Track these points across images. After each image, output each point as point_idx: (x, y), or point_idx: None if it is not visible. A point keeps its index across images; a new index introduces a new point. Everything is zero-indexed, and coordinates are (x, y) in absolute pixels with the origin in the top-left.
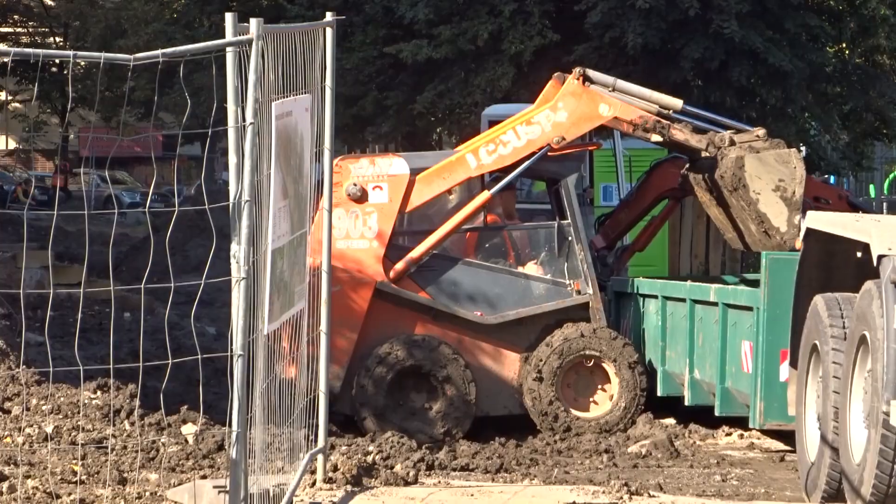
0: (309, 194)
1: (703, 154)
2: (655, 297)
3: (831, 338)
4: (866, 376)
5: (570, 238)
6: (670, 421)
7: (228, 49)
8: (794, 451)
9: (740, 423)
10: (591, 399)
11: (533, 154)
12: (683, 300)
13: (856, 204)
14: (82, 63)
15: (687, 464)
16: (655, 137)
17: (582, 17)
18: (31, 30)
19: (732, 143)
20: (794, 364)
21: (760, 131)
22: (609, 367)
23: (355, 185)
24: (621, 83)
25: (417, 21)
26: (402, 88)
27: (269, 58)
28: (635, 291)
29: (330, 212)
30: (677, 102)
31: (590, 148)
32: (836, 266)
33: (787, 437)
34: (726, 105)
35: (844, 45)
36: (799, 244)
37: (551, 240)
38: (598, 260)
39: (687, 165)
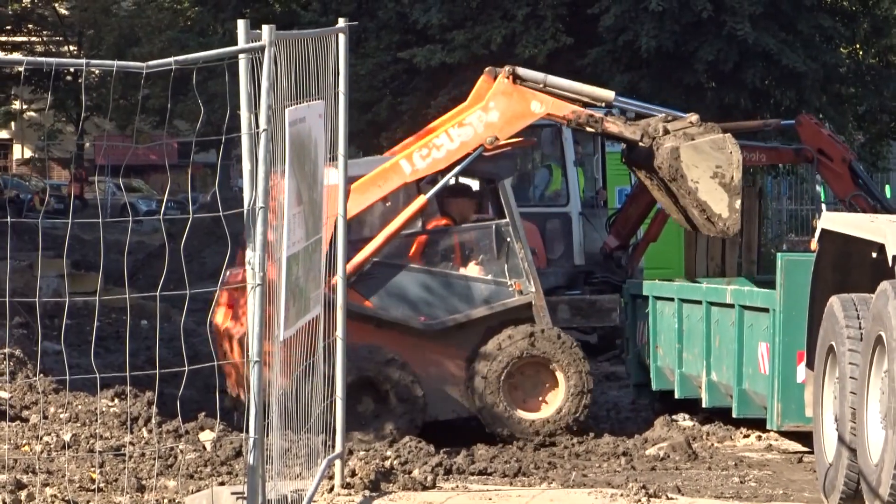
0: (323, 200)
1: (640, 144)
2: (672, 299)
3: (847, 339)
4: (883, 377)
5: (508, 238)
6: (688, 423)
7: (241, 56)
8: (811, 453)
9: (758, 424)
10: (538, 399)
11: (467, 156)
12: (700, 302)
13: (857, 172)
14: (96, 71)
15: (705, 466)
16: (590, 130)
17: (595, 21)
18: (45, 39)
19: (666, 131)
20: (810, 365)
21: (694, 117)
22: (555, 368)
23: None
24: (552, 79)
25: (431, 26)
26: (416, 93)
27: (282, 64)
28: (651, 294)
29: (345, 217)
30: (609, 94)
31: (525, 145)
32: (852, 267)
33: (805, 438)
34: (740, 107)
35: (858, 45)
36: (814, 245)
37: (490, 240)
38: (613, 261)
39: (624, 156)
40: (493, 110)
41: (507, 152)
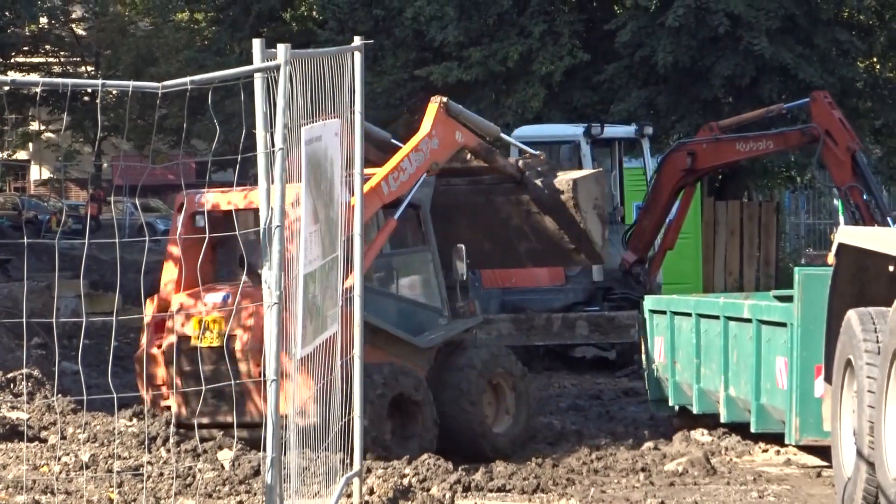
0: (340, 219)
1: (529, 178)
2: (689, 314)
3: (865, 352)
4: None
5: (460, 262)
6: (706, 438)
7: (256, 75)
8: (830, 467)
9: (776, 439)
10: (494, 416)
11: (418, 180)
12: (717, 317)
13: (859, 163)
14: (114, 92)
15: (724, 481)
16: (483, 163)
17: (612, 37)
18: (62, 59)
19: (532, 167)
20: (828, 379)
21: (543, 155)
22: (509, 385)
23: None
24: (465, 111)
25: (448, 43)
26: None
27: (297, 83)
28: (669, 309)
29: (362, 237)
30: (497, 129)
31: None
32: (869, 280)
33: (824, 452)
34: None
35: (875, 59)
36: (831, 259)
37: (439, 264)
38: (632, 277)
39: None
40: (434, 138)
41: (426, 180)
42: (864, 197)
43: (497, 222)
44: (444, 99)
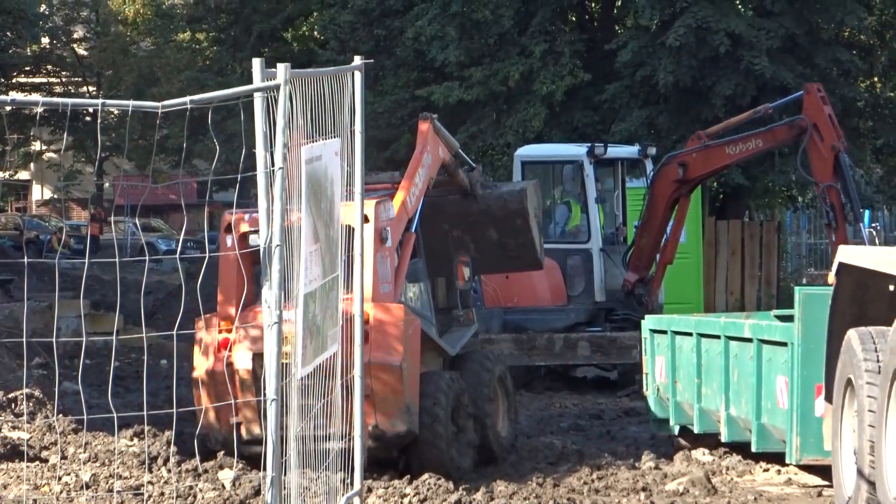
0: (340, 238)
1: (477, 189)
2: (690, 334)
3: (865, 371)
4: None
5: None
6: (707, 458)
7: (256, 94)
8: (831, 486)
9: (777, 458)
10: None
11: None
12: (718, 337)
13: (842, 164)
14: (115, 111)
15: (724, 500)
16: (447, 176)
17: (612, 56)
18: (64, 80)
19: (475, 179)
20: (829, 399)
21: (479, 168)
22: (503, 389)
23: None
24: (442, 128)
25: (449, 63)
26: None
27: (297, 102)
28: (670, 329)
29: (362, 256)
30: (456, 144)
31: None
32: (870, 300)
33: (824, 471)
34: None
35: (876, 79)
36: (832, 279)
37: (419, 274)
38: (634, 298)
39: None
40: (429, 153)
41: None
42: (843, 199)
43: (439, 233)
44: (434, 116)
